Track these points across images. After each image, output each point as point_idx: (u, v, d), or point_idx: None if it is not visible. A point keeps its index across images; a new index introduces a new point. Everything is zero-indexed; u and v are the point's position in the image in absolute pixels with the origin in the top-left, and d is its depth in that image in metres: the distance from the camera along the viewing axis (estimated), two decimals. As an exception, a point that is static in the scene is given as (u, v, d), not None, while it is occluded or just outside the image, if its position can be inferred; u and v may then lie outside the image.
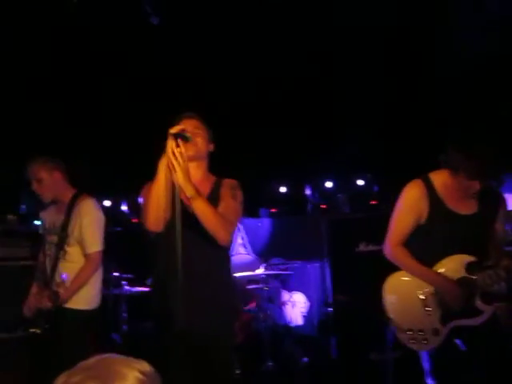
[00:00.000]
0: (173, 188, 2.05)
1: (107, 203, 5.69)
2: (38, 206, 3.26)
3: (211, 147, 2.37)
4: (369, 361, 3.98)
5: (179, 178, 2.01)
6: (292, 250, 4.96)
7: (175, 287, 1.94)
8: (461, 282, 2.27)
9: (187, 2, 4.00)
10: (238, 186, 2.37)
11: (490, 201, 2.37)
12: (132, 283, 4.63)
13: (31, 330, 2.85)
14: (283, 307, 4.96)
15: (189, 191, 2.04)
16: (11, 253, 3.94)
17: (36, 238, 3.45)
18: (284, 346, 4.45)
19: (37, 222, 4.29)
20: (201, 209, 2.08)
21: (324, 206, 5.20)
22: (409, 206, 2.38)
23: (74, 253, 2.88)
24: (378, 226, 3.05)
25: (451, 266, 2.31)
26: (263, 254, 5.07)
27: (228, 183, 2.36)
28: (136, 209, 5.47)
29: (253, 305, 4.58)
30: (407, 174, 2.72)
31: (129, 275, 4.66)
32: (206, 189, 2.30)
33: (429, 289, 2.34)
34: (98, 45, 4.40)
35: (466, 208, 2.34)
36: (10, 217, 4.26)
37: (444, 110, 4.48)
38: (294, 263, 4.82)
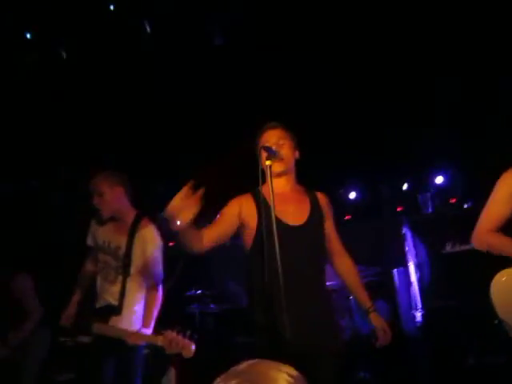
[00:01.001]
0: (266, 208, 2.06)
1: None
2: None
3: (297, 155, 2.35)
4: (466, 365, 3.78)
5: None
6: (371, 256, 4.82)
7: (280, 304, 1.94)
8: None
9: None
10: (330, 202, 2.41)
11: None
12: (215, 300, 4.68)
13: (62, 340, 2.80)
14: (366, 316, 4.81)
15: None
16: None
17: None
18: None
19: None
20: None
21: (400, 208, 5.02)
22: (504, 194, 2.34)
23: (131, 282, 2.74)
24: (463, 225, 2.89)
25: None
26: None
27: (325, 201, 2.38)
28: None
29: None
30: (487, 171, 2.62)
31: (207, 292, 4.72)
32: (303, 198, 2.31)
33: None
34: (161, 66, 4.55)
35: None
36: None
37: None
38: (376, 270, 4.67)
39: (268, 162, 2.05)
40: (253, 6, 4.01)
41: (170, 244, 5.93)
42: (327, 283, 2.39)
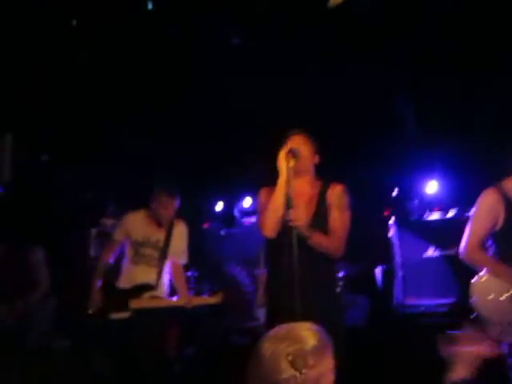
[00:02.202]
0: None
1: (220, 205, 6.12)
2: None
3: (316, 159, 2.70)
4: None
5: (297, 221, 2.35)
6: (357, 252, 5.13)
7: (291, 290, 2.28)
8: None
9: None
10: (344, 192, 2.66)
11: None
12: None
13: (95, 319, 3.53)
14: (347, 308, 5.16)
15: (306, 233, 2.41)
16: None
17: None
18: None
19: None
20: (316, 243, 2.48)
21: (388, 212, 5.34)
22: (485, 212, 2.64)
23: (164, 265, 3.64)
24: (446, 232, 3.21)
25: None
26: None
27: (335, 192, 2.64)
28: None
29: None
30: (473, 182, 2.92)
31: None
32: (313, 197, 2.63)
33: None
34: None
35: None
36: (104, 220, 4.77)
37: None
38: (359, 266, 5.01)
39: (291, 163, 2.39)
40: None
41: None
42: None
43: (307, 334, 1.26)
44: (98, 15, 4.20)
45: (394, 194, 5.27)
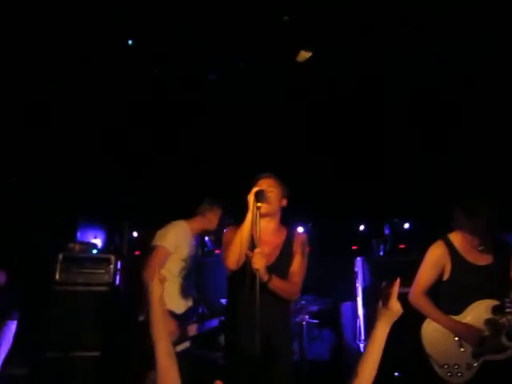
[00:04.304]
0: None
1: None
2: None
3: (284, 202, 2.80)
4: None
5: (257, 265, 2.42)
6: (325, 288, 5.24)
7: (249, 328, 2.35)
8: (488, 322, 2.74)
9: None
10: (306, 241, 2.81)
11: (502, 252, 2.85)
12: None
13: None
14: (313, 342, 5.22)
15: (265, 278, 2.49)
16: (72, 277, 4.36)
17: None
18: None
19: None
20: (274, 287, 2.56)
21: (355, 247, 5.52)
22: (432, 262, 2.92)
23: None
24: (408, 270, 3.36)
25: (477, 311, 2.77)
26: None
27: (300, 239, 2.79)
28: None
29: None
30: (433, 226, 3.11)
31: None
32: (278, 240, 2.75)
33: None
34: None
35: (483, 259, 2.84)
36: (71, 244, 4.69)
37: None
38: (326, 301, 5.11)
39: (258, 204, 2.48)
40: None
41: (136, 253, 6.19)
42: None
43: None
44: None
45: (361, 229, 5.44)
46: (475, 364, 2.70)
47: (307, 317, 4.83)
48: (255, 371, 2.31)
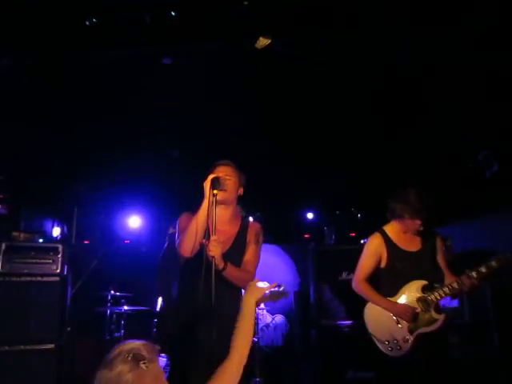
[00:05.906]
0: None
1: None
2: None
3: (241, 191, 2.80)
4: (347, 379, 4.37)
5: (214, 253, 2.42)
6: (279, 275, 5.32)
7: (203, 315, 2.37)
8: (419, 300, 3.14)
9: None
10: (261, 230, 2.83)
11: (430, 239, 3.26)
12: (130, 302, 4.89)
13: None
14: (266, 329, 5.30)
15: (220, 265, 2.51)
16: (17, 268, 4.17)
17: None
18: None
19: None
20: (228, 274, 2.59)
21: (308, 235, 5.60)
22: (370, 252, 3.29)
23: None
24: (358, 257, 3.49)
25: (410, 291, 3.18)
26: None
27: (254, 228, 2.82)
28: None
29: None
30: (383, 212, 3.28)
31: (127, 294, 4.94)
32: (233, 228, 2.75)
33: None
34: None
35: (414, 246, 3.24)
36: (15, 233, 4.47)
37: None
38: (278, 286, 5.16)
39: (215, 191, 2.46)
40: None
41: (86, 242, 6.04)
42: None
43: (132, 344, 1.51)
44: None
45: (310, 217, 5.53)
46: (411, 337, 3.08)
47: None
48: (211, 359, 2.29)
